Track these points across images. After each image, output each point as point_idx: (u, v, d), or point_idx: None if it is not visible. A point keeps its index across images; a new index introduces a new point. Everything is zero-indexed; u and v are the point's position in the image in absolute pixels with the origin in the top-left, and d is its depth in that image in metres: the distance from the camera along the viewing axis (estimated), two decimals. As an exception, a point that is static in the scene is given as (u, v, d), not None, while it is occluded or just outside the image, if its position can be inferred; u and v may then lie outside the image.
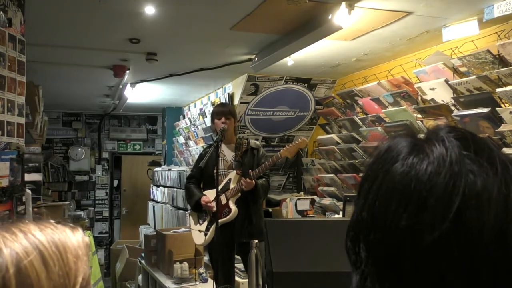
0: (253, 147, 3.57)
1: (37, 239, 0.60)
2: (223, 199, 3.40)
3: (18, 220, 0.64)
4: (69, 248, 0.62)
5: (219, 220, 3.33)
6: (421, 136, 0.60)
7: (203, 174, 3.56)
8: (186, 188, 3.69)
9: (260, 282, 2.42)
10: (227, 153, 3.55)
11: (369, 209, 0.57)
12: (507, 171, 0.53)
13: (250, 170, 3.36)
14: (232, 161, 3.52)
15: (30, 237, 0.60)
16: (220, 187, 3.32)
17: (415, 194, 0.53)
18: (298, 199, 4.75)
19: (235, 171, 3.46)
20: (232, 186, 3.42)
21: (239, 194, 3.40)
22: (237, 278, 3.67)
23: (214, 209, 3.32)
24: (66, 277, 0.60)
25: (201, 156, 3.56)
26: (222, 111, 3.53)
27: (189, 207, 3.82)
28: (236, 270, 3.67)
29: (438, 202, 0.51)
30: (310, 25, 3.07)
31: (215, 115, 3.55)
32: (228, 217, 3.37)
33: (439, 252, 0.51)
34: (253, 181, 3.33)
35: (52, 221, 0.66)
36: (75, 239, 0.64)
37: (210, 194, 3.46)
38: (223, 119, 3.47)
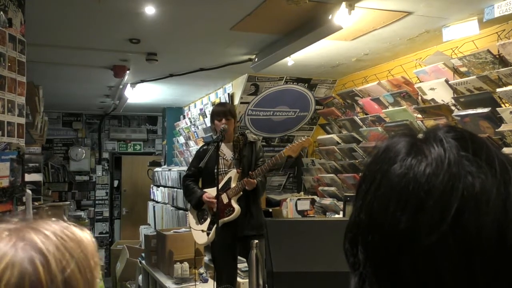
0: (251, 140, 3.56)
1: (68, 244, 0.63)
2: (225, 198, 3.39)
3: (27, 219, 0.66)
4: (90, 253, 0.66)
5: (223, 219, 3.33)
6: (420, 135, 0.59)
7: (203, 173, 3.54)
8: (185, 186, 3.65)
9: (261, 282, 2.42)
10: (226, 152, 3.54)
11: (367, 210, 0.56)
12: (506, 172, 0.53)
13: (250, 172, 3.36)
14: (231, 160, 3.52)
15: (59, 241, 0.63)
16: (220, 186, 3.32)
17: (413, 196, 0.52)
18: (298, 199, 4.75)
19: (235, 170, 3.45)
20: (233, 185, 3.41)
21: (241, 193, 3.40)
22: (237, 278, 3.66)
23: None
24: (92, 278, 0.64)
25: (200, 155, 3.53)
26: (223, 111, 3.49)
27: (189, 206, 3.80)
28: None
29: (436, 204, 0.51)
30: (310, 25, 3.07)
31: (215, 116, 3.51)
32: (231, 216, 3.37)
33: (437, 254, 0.50)
34: (255, 180, 3.33)
35: (54, 219, 0.67)
36: (89, 237, 0.68)
37: (210, 193, 3.45)
38: (223, 121, 3.44)
